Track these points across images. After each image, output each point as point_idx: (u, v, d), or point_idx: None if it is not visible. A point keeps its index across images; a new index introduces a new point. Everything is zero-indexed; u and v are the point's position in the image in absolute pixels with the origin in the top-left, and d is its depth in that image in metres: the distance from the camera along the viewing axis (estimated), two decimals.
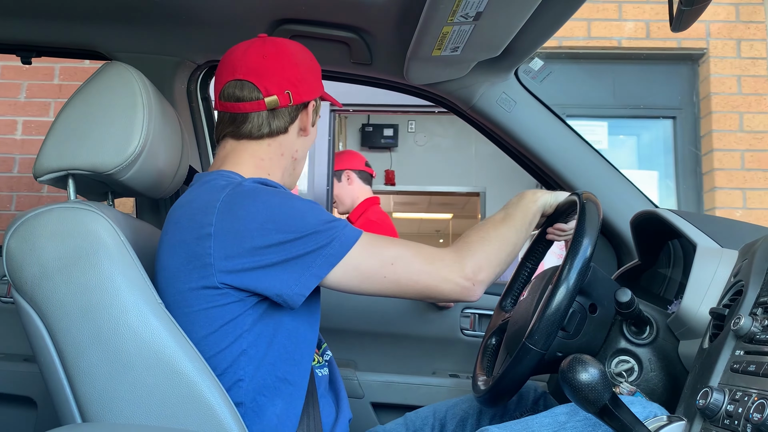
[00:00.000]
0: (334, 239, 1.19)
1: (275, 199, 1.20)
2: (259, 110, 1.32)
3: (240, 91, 1.31)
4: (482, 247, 1.28)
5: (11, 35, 1.80)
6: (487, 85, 1.81)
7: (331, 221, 1.20)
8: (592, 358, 0.87)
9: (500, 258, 1.29)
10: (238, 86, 1.31)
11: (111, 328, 1.09)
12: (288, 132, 1.36)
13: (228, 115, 1.34)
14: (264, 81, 1.31)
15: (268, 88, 1.31)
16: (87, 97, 1.27)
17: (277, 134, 1.34)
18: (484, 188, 6.73)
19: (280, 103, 1.32)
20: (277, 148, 1.35)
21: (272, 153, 1.35)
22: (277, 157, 1.36)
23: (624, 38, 4.44)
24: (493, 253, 1.28)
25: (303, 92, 1.35)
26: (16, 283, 1.13)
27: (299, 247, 1.16)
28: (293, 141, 1.38)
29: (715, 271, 1.18)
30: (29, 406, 1.82)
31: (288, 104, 1.33)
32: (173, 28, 1.71)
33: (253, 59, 1.33)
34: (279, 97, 1.31)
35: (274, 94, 1.31)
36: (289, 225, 1.17)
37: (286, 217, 1.18)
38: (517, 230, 1.34)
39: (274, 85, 1.31)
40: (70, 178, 1.24)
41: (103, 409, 1.08)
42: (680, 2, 1.15)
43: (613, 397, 0.86)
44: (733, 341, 0.94)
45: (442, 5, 1.32)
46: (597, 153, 1.87)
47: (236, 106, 1.32)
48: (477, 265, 1.25)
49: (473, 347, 1.90)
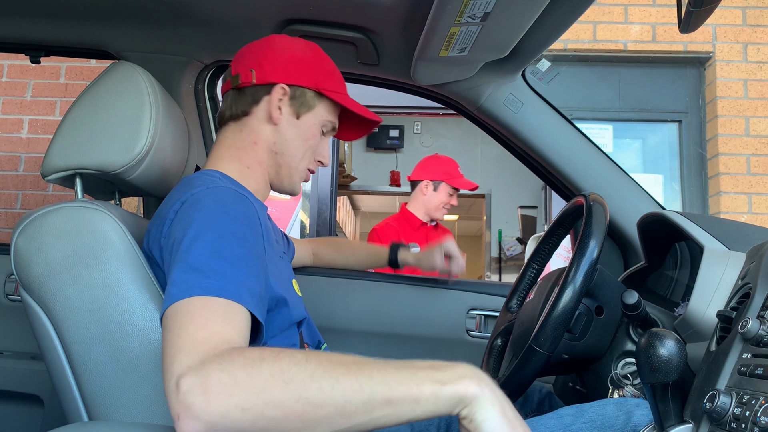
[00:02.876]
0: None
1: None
2: (227, 90, 1.32)
3: (226, 76, 1.35)
4: (250, 385, 0.77)
5: (20, 35, 1.81)
6: (494, 86, 1.81)
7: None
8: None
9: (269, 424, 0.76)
10: (228, 72, 1.35)
11: (118, 326, 1.10)
12: (251, 114, 1.30)
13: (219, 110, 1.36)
14: (236, 61, 1.31)
15: (236, 67, 1.31)
16: (94, 96, 1.27)
17: (240, 116, 1.30)
18: (490, 190, 6.73)
19: (241, 81, 1.29)
20: (247, 135, 1.30)
21: (243, 140, 1.30)
22: (250, 146, 1.30)
23: (630, 41, 4.43)
24: (261, 405, 0.76)
25: (268, 72, 1.29)
26: (24, 282, 1.14)
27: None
28: (260, 127, 1.30)
29: (722, 273, 1.17)
30: (36, 404, 1.82)
31: (249, 82, 1.28)
32: (181, 28, 1.72)
33: (245, 47, 1.35)
34: (241, 74, 1.29)
35: (238, 71, 1.30)
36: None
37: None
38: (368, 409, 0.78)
39: (241, 64, 1.31)
40: (78, 177, 1.25)
41: (109, 407, 1.09)
42: (689, 3, 1.15)
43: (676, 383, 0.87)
44: (741, 344, 0.93)
45: (449, 6, 1.32)
46: (604, 155, 1.86)
47: (221, 91, 1.35)
48: (205, 401, 0.76)
49: (479, 348, 1.89)
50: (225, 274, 0.95)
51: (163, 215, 1.15)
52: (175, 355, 0.83)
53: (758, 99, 4.33)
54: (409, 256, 1.90)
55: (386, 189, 6.83)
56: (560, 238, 1.51)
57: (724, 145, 4.30)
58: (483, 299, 1.94)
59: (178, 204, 1.12)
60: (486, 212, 6.79)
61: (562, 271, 1.29)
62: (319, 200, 4.30)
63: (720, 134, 4.32)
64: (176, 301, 0.91)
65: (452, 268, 1.88)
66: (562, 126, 1.85)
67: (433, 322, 1.92)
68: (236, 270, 0.97)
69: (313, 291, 1.84)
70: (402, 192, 6.85)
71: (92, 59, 3.44)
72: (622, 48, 4.44)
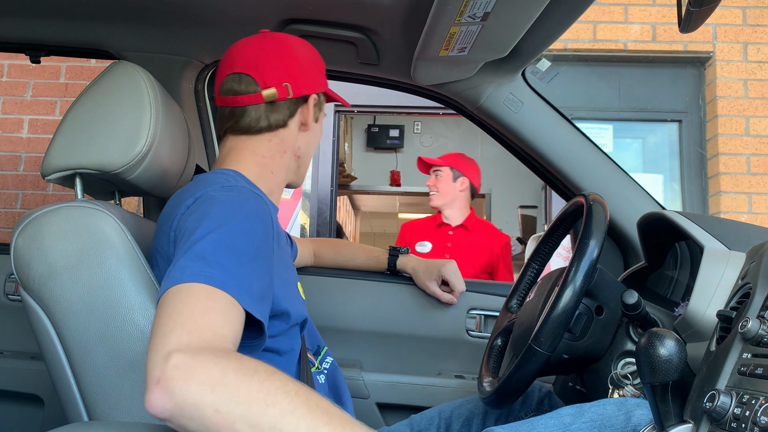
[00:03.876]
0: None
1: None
2: (257, 103, 1.30)
3: (238, 85, 1.31)
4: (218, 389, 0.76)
5: (20, 34, 1.81)
6: (494, 85, 1.81)
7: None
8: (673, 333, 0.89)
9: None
10: (236, 80, 1.31)
11: (117, 326, 1.10)
12: (288, 126, 1.33)
13: (227, 110, 1.32)
14: (262, 74, 1.30)
15: (266, 80, 1.30)
16: (94, 96, 1.27)
17: (276, 128, 1.32)
18: (490, 189, 6.73)
19: (278, 96, 1.30)
20: (278, 144, 1.33)
21: (273, 149, 1.33)
22: (279, 154, 1.34)
23: (630, 41, 4.43)
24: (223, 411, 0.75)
25: (302, 85, 1.33)
26: (24, 282, 1.14)
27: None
28: (294, 136, 1.35)
29: (722, 273, 1.17)
30: (36, 404, 1.82)
31: (286, 97, 1.31)
32: (181, 28, 1.72)
33: (252, 52, 1.32)
34: (277, 89, 1.30)
35: (272, 86, 1.30)
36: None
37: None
38: None
39: (272, 78, 1.30)
40: (78, 177, 1.25)
41: (109, 407, 1.09)
42: (689, 3, 1.15)
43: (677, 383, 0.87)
44: (741, 344, 0.93)
45: (449, 5, 1.32)
46: (604, 154, 1.86)
47: (235, 100, 1.31)
48: (186, 377, 0.76)
49: (479, 348, 1.89)
50: (229, 270, 0.95)
51: (174, 211, 1.15)
52: (174, 329, 0.83)
53: (758, 99, 4.33)
54: (408, 264, 1.90)
55: (386, 189, 6.83)
56: (560, 238, 1.51)
57: (724, 145, 4.30)
58: (483, 299, 1.94)
59: (191, 199, 1.13)
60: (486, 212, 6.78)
61: (562, 271, 1.29)
62: (319, 200, 4.30)
63: (720, 134, 4.31)
64: (179, 283, 0.91)
65: (444, 299, 1.86)
66: (562, 126, 1.85)
67: (433, 322, 1.92)
68: (241, 268, 0.98)
69: (314, 291, 1.84)
70: (402, 192, 6.85)
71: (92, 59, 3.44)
72: (622, 48, 4.44)
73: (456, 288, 1.85)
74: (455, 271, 1.86)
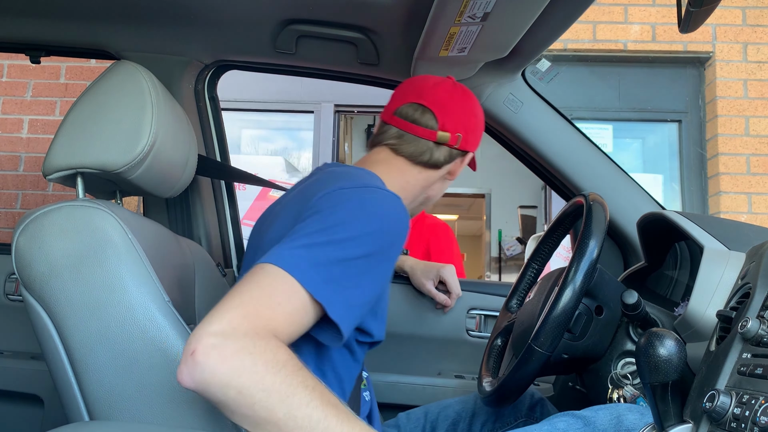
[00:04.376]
0: None
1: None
2: (429, 139, 1.38)
3: (420, 115, 1.38)
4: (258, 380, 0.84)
5: (20, 35, 1.81)
6: (494, 85, 1.81)
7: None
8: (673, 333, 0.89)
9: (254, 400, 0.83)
10: (419, 110, 1.39)
11: (118, 325, 1.10)
12: (440, 169, 1.42)
13: (396, 131, 1.39)
14: (445, 116, 1.38)
15: (445, 123, 1.38)
16: (96, 96, 1.27)
17: (431, 167, 1.40)
18: (490, 189, 6.73)
19: (450, 142, 1.39)
20: (424, 180, 1.41)
21: (418, 181, 1.40)
22: (419, 188, 1.41)
23: (630, 41, 4.43)
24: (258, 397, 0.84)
25: (470, 141, 1.43)
26: (25, 281, 1.14)
27: None
28: (438, 180, 1.43)
29: (722, 273, 1.17)
30: (36, 404, 1.83)
31: (455, 145, 1.40)
32: (181, 28, 1.72)
33: (442, 94, 1.40)
34: (451, 135, 1.38)
35: (448, 131, 1.39)
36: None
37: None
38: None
39: (451, 124, 1.39)
40: (79, 176, 1.25)
41: (110, 407, 1.09)
42: (689, 3, 1.15)
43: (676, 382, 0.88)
44: (740, 344, 0.93)
45: (449, 6, 1.33)
46: (604, 154, 1.87)
47: (410, 126, 1.38)
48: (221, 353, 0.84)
49: (479, 348, 1.89)
50: (331, 274, 0.97)
51: (301, 203, 1.14)
52: (236, 308, 0.89)
53: (758, 99, 4.33)
54: (405, 263, 1.91)
55: None
56: (560, 238, 1.51)
57: (724, 145, 4.30)
58: (483, 299, 1.94)
59: (321, 193, 1.12)
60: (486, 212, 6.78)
61: (562, 271, 1.29)
62: None
63: (720, 134, 4.32)
64: (277, 266, 0.94)
65: (440, 299, 1.88)
66: (562, 126, 1.85)
67: (433, 322, 1.92)
68: (343, 274, 0.99)
69: None
70: None
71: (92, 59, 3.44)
72: (622, 48, 4.44)
73: (453, 290, 1.87)
74: (453, 274, 1.88)
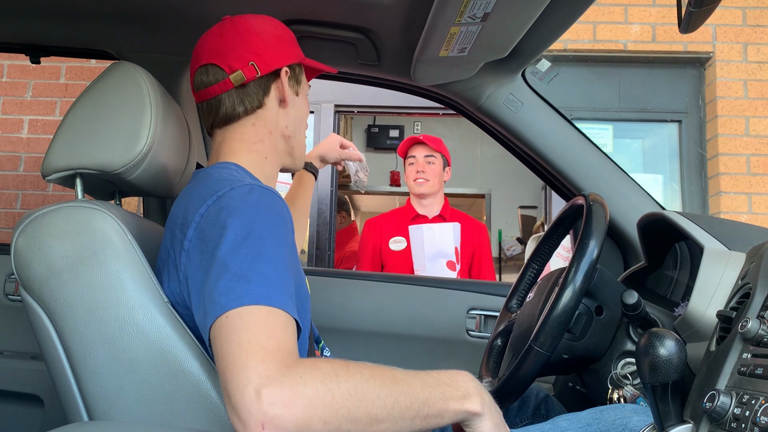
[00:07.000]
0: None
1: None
2: (228, 90, 1.27)
3: (206, 76, 1.28)
4: (326, 388, 0.85)
5: (20, 35, 1.81)
6: (495, 86, 1.81)
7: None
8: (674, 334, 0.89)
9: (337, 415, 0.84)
10: (203, 72, 1.29)
11: (118, 326, 1.09)
12: (266, 106, 1.30)
13: (205, 104, 1.30)
14: (225, 59, 1.27)
15: (230, 64, 1.26)
16: (95, 96, 1.27)
17: (254, 110, 1.29)
18: (490, 190, 6.73)
19: (247, 77, 1.26)
20: (262, 127, 1.30)
21: (260, 133, 1.30)
22: (266, 137, 1.30)
23: (630, 41, 4.43)
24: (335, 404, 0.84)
25: (270, 60, 1.29)
26: (24, 281, 1.14)
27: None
28: (275, 115, 1.31)
29: (722, 273, 1.17)
30: (36, 404, 1.82)
31: (255, 76, 1.27)
32: (180, 29, 1.72)
33: (212, 41, 1.30)
34: (243, 70, 1.26)
35: (237, 68, 1.26)
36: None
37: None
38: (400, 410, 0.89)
39: (235, 60, 1.27)
40: (78, 177, 1.25)
41: (110, 407, 1.09)
42: (689, 3, 1.15)
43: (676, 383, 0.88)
44: (741, 344, 0.93)
45: (449, 6, 1.33)
46: (604, 155, 1.87)
47: (207, 92, 1.28)
48: (287, 402, 0.82)
49: (479, 348, 1.89)
50: (271, 282, 0.95)
51: (187, 218, 1.12)
52: (248, 362, 0.85)
53: (758, 99, 4.33)
54: (312, 155, 1.91)
55: (386, 189, 6.82)
56: (560, 238, 1.51)
57: (724, 145, 4.30)
58: (483, 299, 1.94)
59: (204, 207, 1.09)
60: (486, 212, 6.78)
61: (562, 271, 1.29)
62: (319, 200, 4.29)
63: (720, 134, 4.32)
64: (228, 310, 0.91)
65: (354, 156, 1.92)
66: (562, 126, 1.85)
67: (433, 322, 1.92)
68: (279, 273, 0.98)
69: (313, 291, 1.84)
70: (402, 192, 6.84)
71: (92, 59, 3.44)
72: (622, 48, 4.44)
73: (354, 149, 1.93)
74: (341, 138, 1.95)
